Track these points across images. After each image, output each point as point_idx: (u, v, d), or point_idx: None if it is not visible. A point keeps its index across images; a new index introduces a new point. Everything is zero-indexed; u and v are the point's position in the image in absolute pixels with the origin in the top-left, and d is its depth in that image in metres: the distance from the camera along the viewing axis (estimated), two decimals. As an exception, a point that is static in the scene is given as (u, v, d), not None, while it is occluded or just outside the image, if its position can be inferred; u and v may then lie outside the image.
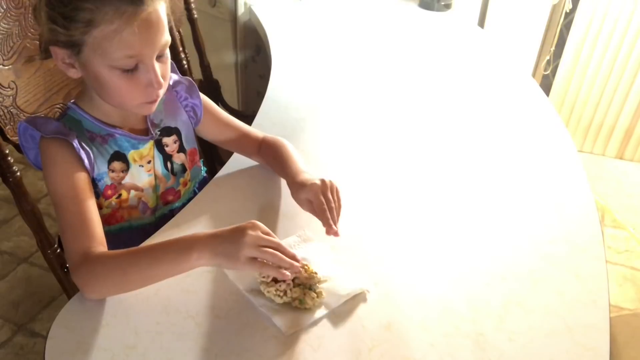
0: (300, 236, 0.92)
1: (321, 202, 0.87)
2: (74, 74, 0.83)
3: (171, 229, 0.92)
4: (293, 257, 0.77)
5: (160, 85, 0.83)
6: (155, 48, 0.80)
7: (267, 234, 0.76)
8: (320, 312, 0.79)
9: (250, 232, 0.74)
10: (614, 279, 1.91)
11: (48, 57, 0.84)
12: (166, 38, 0.81)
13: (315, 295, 0.79)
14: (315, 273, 0.82)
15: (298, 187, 0.92)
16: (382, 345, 0.75)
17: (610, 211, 2.21)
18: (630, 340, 1.19)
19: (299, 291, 0.79)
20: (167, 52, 0.84)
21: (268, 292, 0.78)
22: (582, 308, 0.82)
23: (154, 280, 0.78)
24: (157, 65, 0.82)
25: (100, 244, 0.81)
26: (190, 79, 1.03)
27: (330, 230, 0.85)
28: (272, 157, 1.04)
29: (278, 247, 0.75)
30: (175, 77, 1.01)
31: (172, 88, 1.00)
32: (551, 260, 0.91)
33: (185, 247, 0.75)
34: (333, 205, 0.87)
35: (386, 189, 1.08)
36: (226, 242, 0.74)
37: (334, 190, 0.89)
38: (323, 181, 0.90)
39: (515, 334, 0.78)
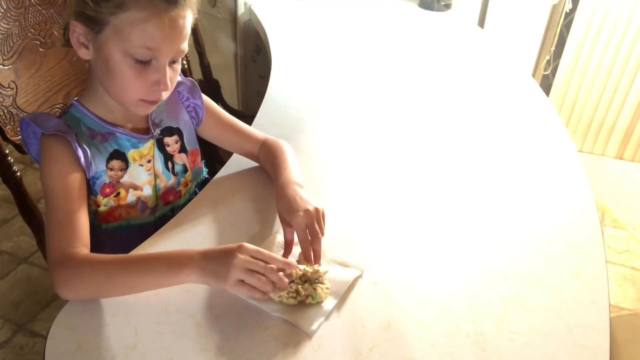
0: (280, 234, 0.92)
1: (305, 238, 0.86)
2: (85, 55, 0.84)
3: (171, 229, 0.92)
4: (280, 279, 0.76)
5: (166, 87, 0.84)
6: (173, 49, 0.82)
7: (256, 253, 0.77)
8: (331, 301, 0.80)
9: (240, 255, 0.75)
10: (614, 279, 1.91)
11: (69, 45, 0.85)
12: (184, 46, 0.83)
13: (324, 286, 0.80)
14: (317, 266, 0.83)
15: (283, 208, 0.90)
16: (382, 345, 0.75)
17: (610, 211, 2.21)
18: (630, 340, 1.19)
19: (309, 287, 0.79)
20: (180, 62, 0.86)
21: (279, 296, 0.78)
22: (582, 308, 0.82)
23: (137, 290, 0.78)
24: (168, 69, 0.83)
25: (85, 245, 0.81)
26: (193, 79, 1.03)
27: (316, 261, 0.85)
28: (268, 161, 1.04)
29: (265, 271, 0.76)
30: (177, 77, 1.01)
31: (174, 88, 1.00)
32: (551, 260, 0.91)
33: (177, 262, 0.76)
34: (318, 236, 0.85)
35: (386, 189, 1.08)
36: (215, 263, 0.76)
37: (320, 219, 0.87)
38: (307, 212, 0.86)
39: (515, 334, 0.78)
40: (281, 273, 0.77)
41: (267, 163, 1.05)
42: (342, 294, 0.82)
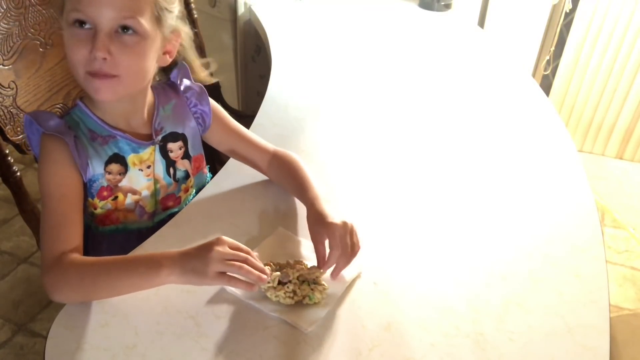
0: (278, 234, 0.92)
1: (337, 246, 0.83)
2: None
3: (170, 230, 0.92)
4: (262, 270, 0.77)
5: (96, 52, 0.78)
6: (103, 12, 0.78)
7: (235, 247, 0.77)
8: (328, 302, 0.80)
9: (217, 248, 0.75)
10: (614, 279, 1.91)
11: None
12: (126, 12, 0.79)
13: (322, 287, 0.80)
14: (315, 267, 0.83)
15: (316, 219, 0.87)
16: (382, 345, 0.75)
17: (610, 211, 2.21)
18: (630, 340, 1.19)
19: (307, 288, 0.79)
20: (140, 41, 0.81)
21: (276, 296, 0.78)
22: (582, 308, 0.82)
23: (122, 291, 0.78)
24: (112, 39, 0.79)
25: (76, 249, 0.81)
26: (202, 85, 1.02)
27: (333, 276, 0.83)
28: (285, 175, 1.01)
29: (246, 260, 0.76)
30: (187, 82, 1.00)
31: (183, 93, 0.99)
32: (551, 260, 0.91)
33: (156, 262, 0.76)
34: (352, 249, 0.83)
35: (386, 189, 1.08)
36: (194, 260, 0.76)
37: (353, 234, 0.85)
38: (345, 224, 0.84)
39: (515, 334, 0.78)
40: (268, 268, 0.78)
41: (283, 178, 1.02)
42: (340, 295, 0.82)
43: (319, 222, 0.86)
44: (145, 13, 0.81)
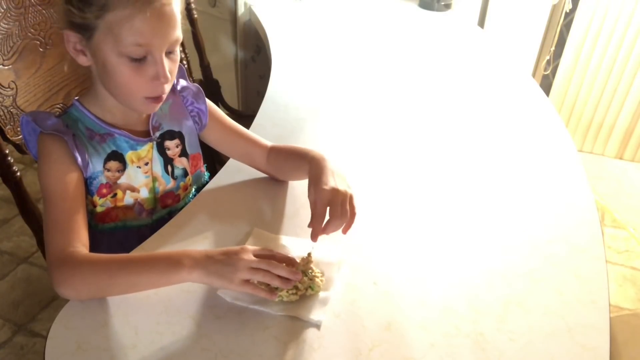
0: (255, 235, 0.91)
1: (322, 213, 0.84)
2: (84, 61, 0.84)
3: (170, 229, 0.92)
4: (288, 259, 0.80)
5: (166, 79, 0.82)
6: (165, 41, 0.81)
7: (259, 255, 0.79)
8: (328, 288, 0.82)
9: (243, 256, 0.77)
10: (614, 279, 1.91)
11: None
12: (177, 34, 0.82)
13: (319, 275, 0.81)
14: (304, 257, 0.83)
15: (314, 174, 0.89)
16: (382, 345, 0.75)
17: (610, 211, 2.21)
18: (630, 340, 1.19)
19: (306, 280, 0.80)
20: (177, 51, 0.85)
21: (280, 297, 0.79)
22: (582, 308, 0.82)
23: (139, 288, 0.79)
24: (165, 61, 0.82)
25: (84, 245, 0.81)
26: (199, 85, 1.03)
27: (314, 238, 0.83)
28: (281, 161, 1.02)
29: (270, 267, 0.77)
30: (183, 82, 1.01)
31: (179, 93, 1.00)
32: (551, 260, 0.91)
33: (177, 260, 0.77)
34: (340, 218, 0.84)
35: (386, 189, 1.08)
36: (220, 264, 0.76)
37: (345, 202, 0.85)
38: (335, 190, 0.86)
39: (515, 334, 0.78)
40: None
41: (282, 163, 1.02)
42: (338, 282, 0.83)
43: (313, 182, 0.88)
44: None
